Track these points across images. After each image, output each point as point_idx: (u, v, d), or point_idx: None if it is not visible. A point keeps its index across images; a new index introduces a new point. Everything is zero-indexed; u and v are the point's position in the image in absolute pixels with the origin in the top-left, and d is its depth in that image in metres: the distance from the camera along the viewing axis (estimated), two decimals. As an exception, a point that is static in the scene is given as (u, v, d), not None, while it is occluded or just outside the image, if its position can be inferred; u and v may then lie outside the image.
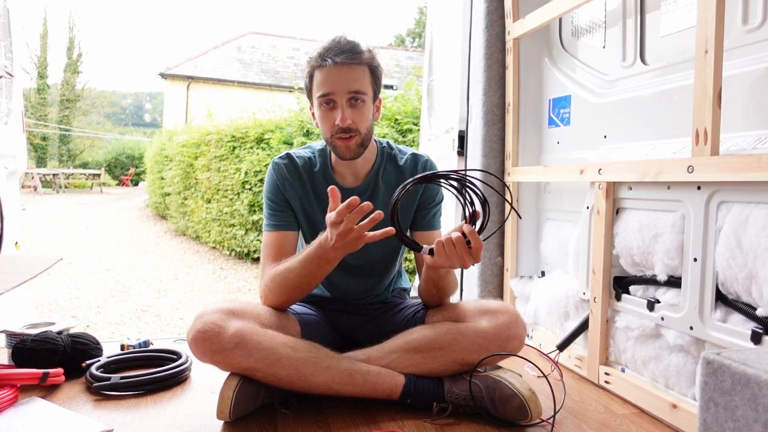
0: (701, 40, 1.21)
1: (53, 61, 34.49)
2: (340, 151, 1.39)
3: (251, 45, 19.68)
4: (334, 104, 1.35)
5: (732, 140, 1.27)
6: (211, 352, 1.23)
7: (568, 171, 1.72)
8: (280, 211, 1.47)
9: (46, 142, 23.43)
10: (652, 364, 1.41)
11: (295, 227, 1.48)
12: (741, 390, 0.66)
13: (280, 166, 1.48)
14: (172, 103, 18.15)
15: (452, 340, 1.31)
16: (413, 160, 1.51)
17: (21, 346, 1.47)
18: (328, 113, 1.36)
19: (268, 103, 7.48)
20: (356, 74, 1.35)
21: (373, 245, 1.50)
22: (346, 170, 1.48)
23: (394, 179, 1.49)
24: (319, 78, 1.36)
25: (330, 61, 1.33)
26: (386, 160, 1.51)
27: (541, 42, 2.01)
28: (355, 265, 1.51)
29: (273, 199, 1.47)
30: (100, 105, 27.69)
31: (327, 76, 1.34)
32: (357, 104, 1.36)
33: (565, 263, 1.82)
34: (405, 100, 5.26)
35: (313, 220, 1.48)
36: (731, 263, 1.18)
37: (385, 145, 1.53)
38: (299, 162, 1.48)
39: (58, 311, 4.15)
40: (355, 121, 1.35)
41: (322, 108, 1.37)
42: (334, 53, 1.33)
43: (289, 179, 1.47)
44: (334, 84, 1.33)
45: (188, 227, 8.06)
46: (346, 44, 1.35)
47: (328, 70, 1.34)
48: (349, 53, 1.34)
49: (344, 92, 1.34)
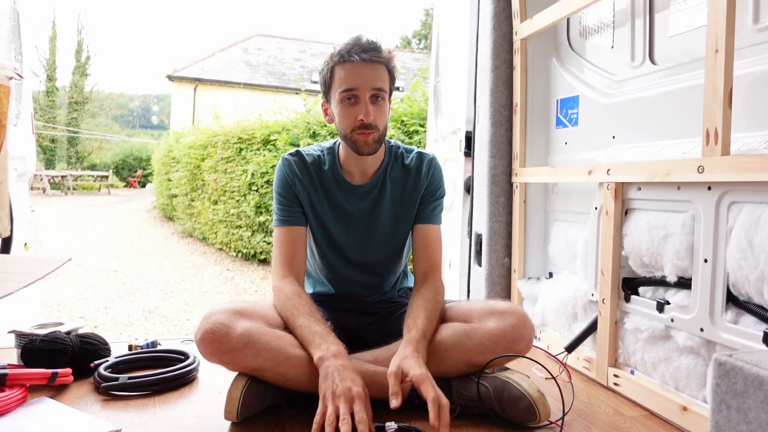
0: (711, 39, 1.20)
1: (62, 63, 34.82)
2: (359, 146, 1.40)
3: (258, 47, 19.74)
4: (356, 100, 1.37)
5: (743, 140, 1.26)
6: (220, 353, 1.23)
7: (577, 172, 1.71)
8: (290, 206, 1.48)
9: (54, 144, 23.61)
10: (662, 365, 1.39)
11: (304, 223, 1.50)
12: (754, 392, 0.66)
13: (289, 162, 1.50)
14: (179, 105, 18.24)
15: (459, 341, 1.31)
16: (418, 158, 1.54)
17: (30, 346, 1.48)
18: (349, 108, 1.38)
19: (274, 104, 7.50)
20: (379, 72, 1.38)
21: (379, 244, 1.52)
22: (355, 168, 1.49)
23: (401, 178, 1.52)
24: (342, 74, 1.37)
25: (357, 58, 1.35)
26: (393, 158, 1.53)
27: (548, 42, 2.00)
28: (361, 262, 1.52)
29: (282, 194, 1.49)
30: (108, 107, 27.87)
31: (351, 72, 1.36)
32: (378, 102, 1.38)
33: (573, 264, 1.81)
34: (411, 102, 5.26)
35: (321, 217, 1.50)
36: (742, 264, 1.17)
37: (393, 144, 1.56)
38: (308, 159, 1.50)
39: (66, 312, 4.18)
40: (376, 118, 1.38)
41: (344, 103, 1.38)
42: (358, 50, 1.36)
43: (298, 175, 1.48)
44: (359, 80, 1.35)
45: (195, 229, 8.09)
46: (368, 43, 1.38)
47: (352, 66, 1.36)
48: (374, 51, 1.37)
49: (368, 88, 1.36)
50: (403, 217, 1.52)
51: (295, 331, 1.32)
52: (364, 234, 1.51)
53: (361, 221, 1.50)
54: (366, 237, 1.51)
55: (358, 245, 1.51)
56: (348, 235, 1.51)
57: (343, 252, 1.52)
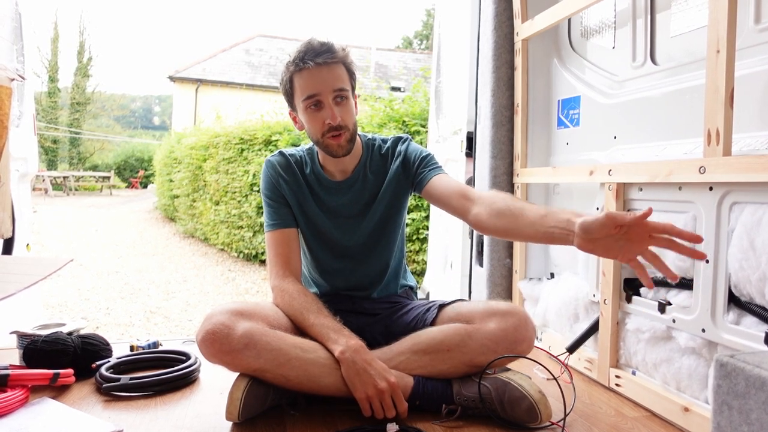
0: (713, 39, 1.20)
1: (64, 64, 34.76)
2: (332, 149, 1.41)
3: (259, 48, 19.76)
4: (320, 104, 1.37)
5: (744, 140, 1.25)
6: (221, 353, 1.23)
7: (578, 172, 1.71)
8: (278, 208, 1.50)
9: (56, 145, 23.64)
10: (664, 366, 1.39)
11: (295, 224, 1.51)
12: (756, 393, 0.65)
13: (273, 163, 1.52)
14: (180, 105, 18.26)
15: (460, 341, 1.31)
16: (393, 142, 1.56)
17: (32, 346, 1.48)
18: (315, 114, 1.38)
19: (275, 105, 7.50)
20: (337, 72, 1.38)
21: (369, 237, 1.51)
22: (335, 168, 1.51)
23: (381, 167, 1.53)
24: (301, 81, 1.38)
25: (311, 63, 1.35)
26: (371, 152, 1.54)
27: (549, 43, 2.00)
28: (353, 256, 1.53)
29: (270, 196, 1.50)
30: (109, 108, 27.89)
31: (310, 78, 1.36)
32: (342, 102, 1.39)
33: (574, 265, 1.81)
34: (413, 102, 5.26)
35: (309, 214, 1.51)
36: (744, 265, 1.17)
37: (369, 138, 1.57)
38: (292, 159, 1.53)
39: (68, 313, 4.18)
40: (344, 118, 1.39)
41: (309, 110, 1.39)
42: (312, 55, 1.35)
43: (283, 175, 1.50)
44: (319, 85, 1.36)
45: (197, 229, 8.09)
46: (320, 46, 1.37)
47: (309, 72, 1.36)
48: (328, 53, 1.36)
49: (329, 91, 1.36)
50: (392, 204, 1.52)
51: (307, 329, 1.33)
52: (354, 228, 1.52)
53: (348, 216, 1.52)
54: (356, 231, 1.52)
55: (349, 239, 1.52)
56: (337, 229, 1.52)
57: (334, 248, 1.53)
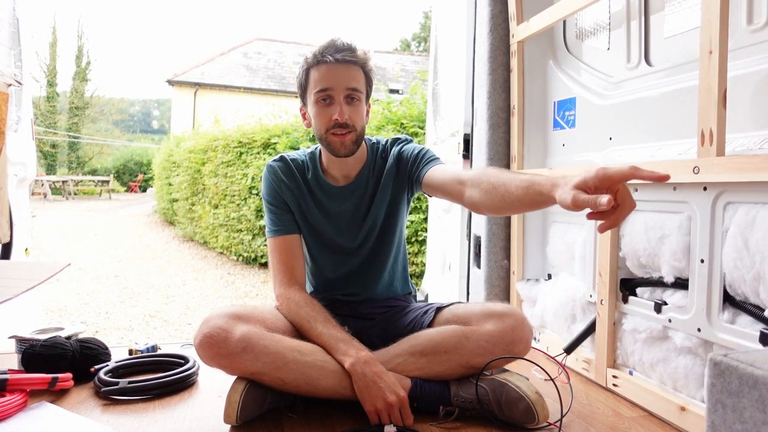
0: (705, 40, 1.20)
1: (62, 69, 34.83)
2: (335, 147, 1.40)
3: (257, 51, 19.78)
4: (331, 100, 1.37)
5: (738, 140, 1.26)
6: (218, 357, 1.23)
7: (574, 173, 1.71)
8: (280, 214, 1.49)
9: (55, 150, 23.64)
10: (660, 366, 1.40)
11: (297, 230, 1.50)
12: (749, 392, 0.66)
13: (274, 168, 1.51)
14: (179, 109, 18.27)
15: (457, 343, 1.31)
16: (391, 143, 1.56)
17: (30, 351, 1.48)
18: (324, 109, 1.38)
19: (274, 108, 7.53)
20: (353, 73, 1.38)
21: (371, 243, 1.51)
22: (338, 172, 1.50)
23: (384, 170, 1.52)
24: (316, 75, 1.38)
25: (330, 58, 1.36)
26: (376, 155, 1.54)
27: (545, 45, 2.01)
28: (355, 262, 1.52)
29: (272, 202, 1.50)
30: (108, 112, 27.87)
31: (326, 73, 1.37)
32: (353, 102, 1.39)
33: (571, 266, 1.81)
34: (411, 104, 5.28)
35: (310, 219, 1.50)
36: (738, 264, 1.17)
37: (374, 141, 1.57)
38: (293, 163, 1.52)
39: (67, 317, 4.18)
40: (352, 118, 1.38)
41: (319, 104, 1.39)
42: (332, 51, 1.36)
43: (284, 180, 1.49)
44: (333, 80, 1.36)
45: (196, 233, 8.10)
46: (342, 44, 1.38)
47: (326, 67, 1.37)
48: (347, 52, 1.37)
49: (342, 89, 1.36)
50: (390, 206, 1.51)
51: (314, 339, 1.33)
52: (355, 232, 1.51)
53: (350, 220, 1.51)
54: (357, 235, 1.51)
55: (350, 244, 1.51)
56: (339, 234, 1.51)
57: (335, 252, 1.53)
